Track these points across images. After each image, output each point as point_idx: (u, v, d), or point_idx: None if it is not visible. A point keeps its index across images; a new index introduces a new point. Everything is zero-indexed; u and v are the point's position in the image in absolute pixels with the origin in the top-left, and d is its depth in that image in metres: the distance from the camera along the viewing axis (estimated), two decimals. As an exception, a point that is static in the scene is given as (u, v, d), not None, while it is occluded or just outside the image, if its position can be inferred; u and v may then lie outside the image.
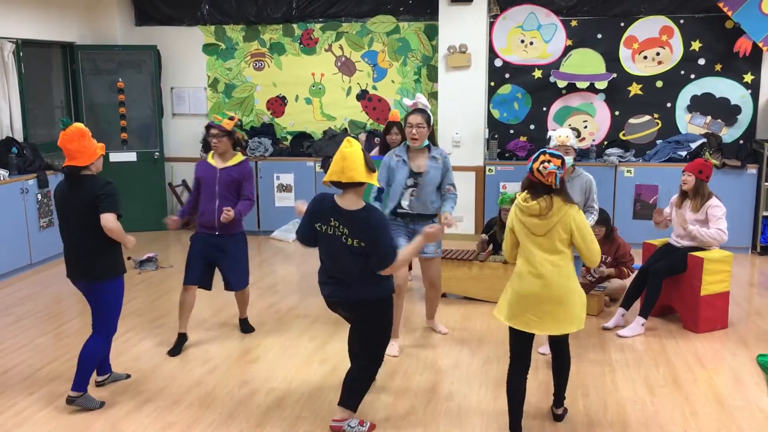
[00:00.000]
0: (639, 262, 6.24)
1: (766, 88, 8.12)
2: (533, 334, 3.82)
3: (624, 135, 8.59)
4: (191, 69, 9.48)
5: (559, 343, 4.01)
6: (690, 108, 8.38)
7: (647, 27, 8.30)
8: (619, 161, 8.20)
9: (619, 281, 6.23)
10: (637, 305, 5.70)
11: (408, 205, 5.12)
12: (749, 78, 8.15)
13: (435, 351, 5.24)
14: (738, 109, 8.25)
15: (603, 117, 8.60)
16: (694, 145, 8.09)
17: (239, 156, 5.31)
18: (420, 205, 5.15)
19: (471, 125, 8.54)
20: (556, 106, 8.68)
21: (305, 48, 9.20)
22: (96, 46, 9.11)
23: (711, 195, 5.52)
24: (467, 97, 8.47)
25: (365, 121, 9.19)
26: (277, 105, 9.41)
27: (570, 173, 4.94)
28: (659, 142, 8.45)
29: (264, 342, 5.43)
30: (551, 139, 5.01)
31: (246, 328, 5.69)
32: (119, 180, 9.02)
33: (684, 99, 8.38)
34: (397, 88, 9.04)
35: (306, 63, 9.23)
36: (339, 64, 9.17)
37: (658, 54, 8.33)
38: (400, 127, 6.40)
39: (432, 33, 8.78)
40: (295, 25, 9.17)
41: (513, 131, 8.82)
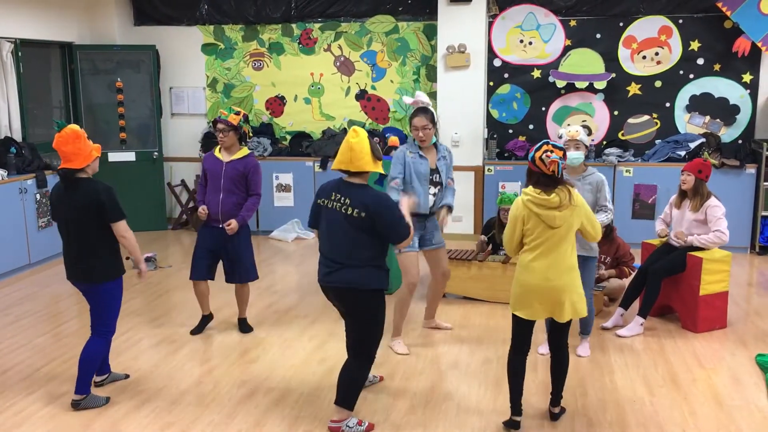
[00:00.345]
0: (638, 261, 6.24)
1: (764, 87, 8.12)
2: (534, 321, 3.95)
3: (623, 135, 8.59)
4: (190, 69, 9.48)
5: (558, 343, 4.06)
6: (689, 108, 8.39)
7: (646, 27, 8.30)
8: (618, 161, 8.21)
9: (618, 281, 6.23)
10: (636, 305, 5.71)
11: (430, 208, 5.17)
12: (748, 78, 8.16)
13: (434, 351, 5.25)
14: (737, 109, 8.25)
15: (602, 117, 8.60)
16: (693, 145, 8.10)
17: (245, 150, 5.40)
18: (447, 199, 5.25)
19: (470, 125, 8.54)
20: (555, 106, 8.69)
21: (304, 48, 9.20)
22: (95, 45, 9.10)
23: (710, 195, 5.52)
24: (466, 97, 8.48)
25: (364, 121, 9.19)
26: (276, 105, 9.41)
27: (581, 172, 4.93)
28: (658, 141, 8.46)
29: (263, 342, 5.43)
30: (563, 136, 5.00)
31: (245, 327, 5.69)
32: (118, 180, 9.17)
33: (683, 99, 8.38)
34: (396, 87, 9.04)
35: (305, 63, 9.23)
36: (338, 63, 9.17)
37: (657, 54, 8.33)
38: None
39: (431, 33, 8.78)
40: (294, 25, 9.17)
41: (512, 131, 8.82)
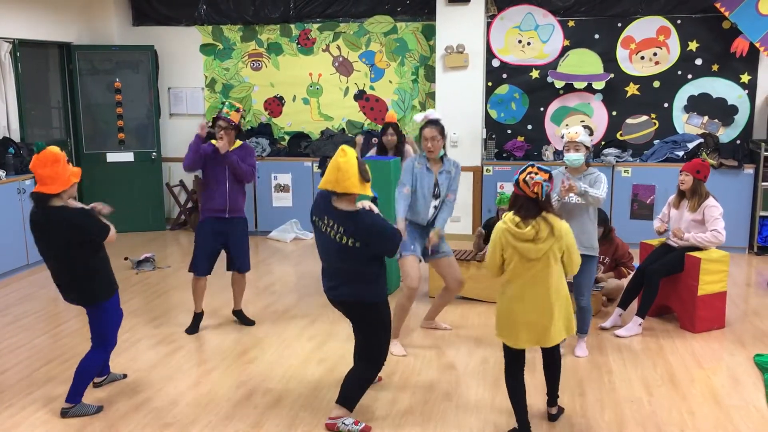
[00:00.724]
0: (636, 262, 6.25)
1: (762, 88, 8.13)
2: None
3: (621, 135, 8.60)
4: (188, 69, 9.48)
5: (550, 349, 4.03)
6: (687, 108, 8.40)
7: (644, 27, 8.31)
8: (617, 161, 8.21)
9: (617, 281, 6.24)
10: (635, 305, 5.71)
11: (429, 219, 5.19)
12: (746, 78, 8.17)
13: (433, 351, 5.25)
14: (735, 109, 8.26)
15: (600, 117, 8.61)
16: (691, 145, 8.10)
17: (239, 141, 5.50)
18: (443, 214, 5.24)
19: (468, 125, 8.54)
20: (553, 106, 8.69)
21: (303, 48, 9.20)
22: (93, 46, 9.10)
23: (708, 195, 5.53)
24: (465, 98, 8.48)
25: (363, 121, 9.20)
26: (275, 105, 9.41)
27: (582, 171, 4.96)
28: (656, 142, 8.47)
29: (262, 342, 5.43)
30: (564, 137, 5.01)
31: (246, 320, 5.77)
32: (117, 180, 9.18)
33: (681, 99, 8.39)
34: (395, 88, 9.04)
35: (303, 63, 9.23)
36: (336, 64, 9.17)
37: (655, 54, 8.34)
38: (396, 128, 6.47)
39: (429, 33, 8.79)
40: (293, 26, 9.17)
41: (510, 131, 8.83)
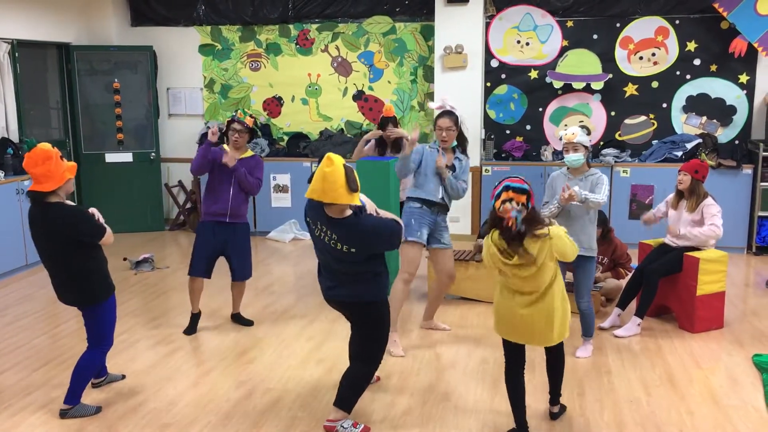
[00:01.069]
0: (635, 262, 6.25)
1: (761, 88, 8.14)
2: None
3: (620, 135, 8.60)
4: (187, 69, 9.48)
5: (554, 348, 4.01)
6: (685, 108, 8.40)
7: (643, 27, 8.32)
8: (615, 161, 8.22)
9: (615, 281, 6.24)
10: (633, 305, 5.72)
11: (441, 197, 5.22)
12: (744, 78, 8.18)
13: (432, 351, 5.25)
14: (733, 110, 8.27)
15: (599, 117, 8.62)
16: (689, 146, 8.11)
17: (251, 151, 5.57)
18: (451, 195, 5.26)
19: (467, 126, 8.51)
20: (552, 106, 8.70)
21: (301, 48, 9.20)
22: (92, 46, 9.09)
23: (706, 195, 5.53)
24: (463, 98, 8.45)
25: (361, 122, 9.20)
26: (274, 105, 9.41)
27: (584, 172, 4.95)
28: (655, 142, 8.47)
29: (260, 342, 5.43)
30: (562, 139, 5.02)
31: (245, 321, 5.78)
32: (115, 181, 9.17)
33: (679, 99, 8.40)
34: (394, 88, 9.04)
35: (302, 63, 9.23)
36: (335, 64, 9.17)
37: (653, 54, 8.34)
38: (395, 123, 6.43)
39: (428, 33, 8.79)
40: (291, 26, 9.17)
41: (509, 131, 8.83)
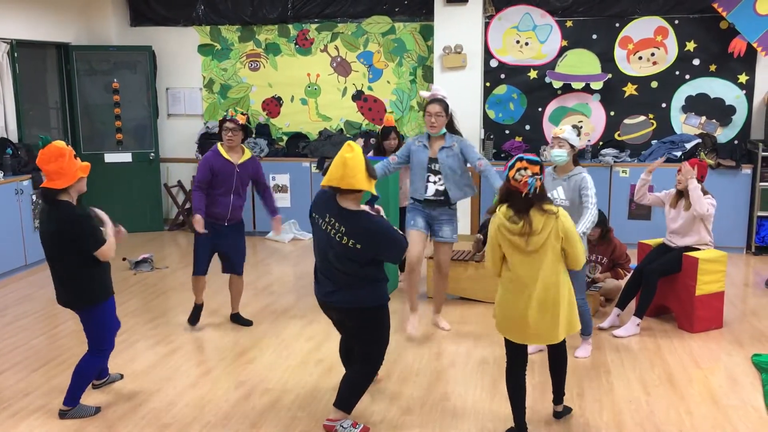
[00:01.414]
0: (634, 262, 6.25)
1: (760, 88, 8.14)
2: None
3: (619, 135, 8.60)
4: (186, 69, 9.47)
5: (556, 347, 4.00)
6: (685, 108, 8.40)
7: (642, 27, 8.32)
8: (615, 161, 8.22)
9: (614, 281, 6.24)
10: (633, 305, 5.72)
11: (432, 194, 5.30)
12: (744, 78, 8.18)
13: (431, 351, 5.25)
14: (732, 110, 8.27)
15: (598, 117, 8.62)
16: (689, 146, 8.11)
17: (249, 152, 5.53)
18: (455, 193, 5.30)
19: (466, 126, 8.46)
20: (551, 106, 8.69)
21: (300, 48, 9.20)
22: (91, 46, 9.09)
23: (706, 194, 5.53)
24: (463, 98, 8.46)
25: (361, 122, 9.20)
26: (273, 105, 9.41)
27: (568, 171, 4.91)
28: (654, 142, 8.47)
29: (260, 342, 5.43)
30: None
31: (244, 321, 5.78)
32: (115, 181, 9.16)
33: (679, 99, 8.40)
34: (393, 88, 9.04)
35: (301, 63, 9.23)
36: (334, 64, 9.17)
37: (653, 54, 8.35)
38: (397, 132, 6.53)
39: (427, 33, 8.79)
40: (291, 26, 9.17)
41: (508, 131, 8.83)
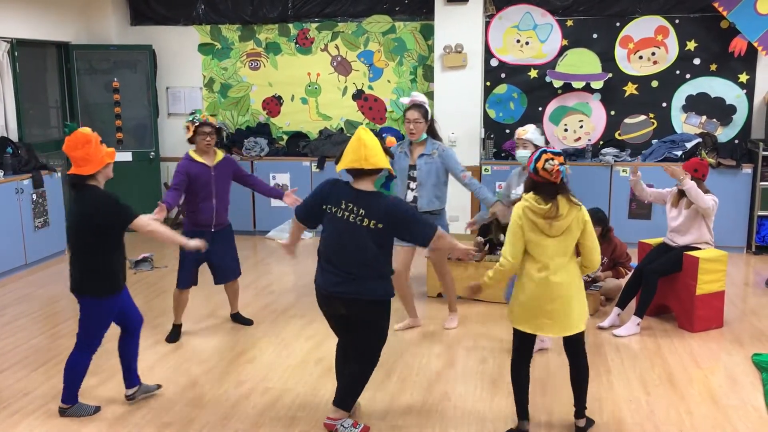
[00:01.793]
0: (635, 261, 6.25)
1: (761, 87, 8.14)
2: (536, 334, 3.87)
3: (620, 135, 8.60)
4: (187, 69, 9.47)
5: (575, 350, 3.96)
6: (685, 108, 8.40)
7: (643, 27, 8.31)
8: (615, 161, 8.21)
9: (615, 281, 6.24)
10: (633, 304, 5.71)
11: (410, 200, 5.33)
12: (744, 78, 8.17)
13: (431, 350, 5.24)
14: (733, 109, 8.27)
15: (599, 117, 8.61)
16: (689, 145, 8.10)
17: (221, 152, 5.43)
18: (423, 200, 5.30)
19: (467, 125, 8.53)
20: (551, 105, 8.69)
21: (301, 48, 9.20)
22: (91, 45, 9.09)
23: (707, 192, 5.52)
24: (463, 97, 8.47)
25: (361, 121, 9.19)
26: (273, 105, 9.40)
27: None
28: (655, 141, 8.47)
29: (260, 342, 5.43)
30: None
31: (244, 320, 5.77)
32: (114, 180, 9.07)
33: (679, 99, 8.39)
34: (393, 87, 9.04)
35: (302, 63, 9.22)
36: (335, 63, 9.16)
37: (653, 54, 8.34)
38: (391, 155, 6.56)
39: (428, 33, 8.78)
40: (291, 25, 9.16)
41: (509, 131, 8.81)
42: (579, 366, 3.98)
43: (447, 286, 5.72)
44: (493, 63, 8.69)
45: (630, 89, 8.46)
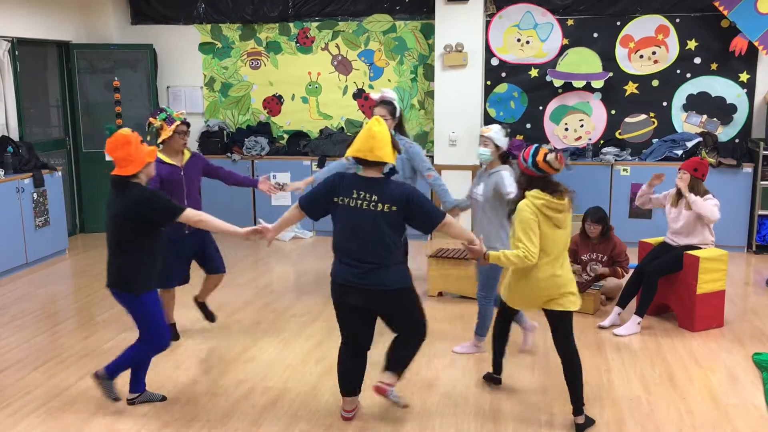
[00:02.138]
0: (635, 261, 6.25)
1: (761, 87, 8.13)
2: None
3: (620, 134, 8.59)
4: (187, 68, 9.47)
5: (564, 343, 4.00)
6: (686, 107, 8.39)
7: (643, 26, 8.31)
8: (615, 160, 8.21)
9: (615, 280, 6.23)
10: (633, 304, 5.71)
11: None
12: (745, 77, 8.16)
13: (431, 349, 5.23)
14: (734, 108, 8.26)
15: (599, 116, 8.61)
16: (690, 144, 8.10)
17: (188, 151, 5.20)
18: None
19: (467, 124, 8.53)
20: (552, 105, 8.69)
21: (301, 47, 9.20)
22: (92, 45, 9.09)
23: (707, 193, 5.53)
24: (463, 96, 8.47)
25: (362, 120, 9.19)
26: (274, 104, 9.40)
27: (489, 169, 4.86)
28: (655, 141, 8.46)
29: (260, 341, 5.43)
30: None
31: (207, 312, 5.59)
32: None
33: (680, 98, 8.39)
34: (394, 86, 9.03)
35: (302, 62, 9.22)
36: (335, 63, 9.16)
37: (654, 53, 8.33)
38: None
39: (428, 32, 8.78)
40: (292, 24, 9.17)
41: (509, 130, 8.81)
42: (569, 360, 4.00)
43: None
44: (494, 62, 8.69)
45: (630, 88, 8.46)
